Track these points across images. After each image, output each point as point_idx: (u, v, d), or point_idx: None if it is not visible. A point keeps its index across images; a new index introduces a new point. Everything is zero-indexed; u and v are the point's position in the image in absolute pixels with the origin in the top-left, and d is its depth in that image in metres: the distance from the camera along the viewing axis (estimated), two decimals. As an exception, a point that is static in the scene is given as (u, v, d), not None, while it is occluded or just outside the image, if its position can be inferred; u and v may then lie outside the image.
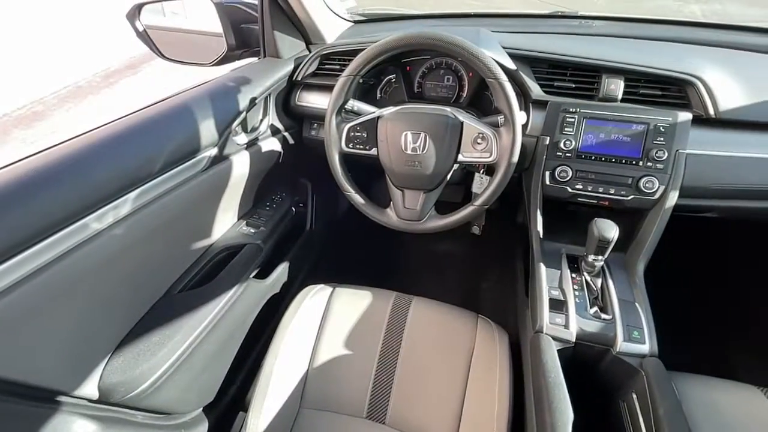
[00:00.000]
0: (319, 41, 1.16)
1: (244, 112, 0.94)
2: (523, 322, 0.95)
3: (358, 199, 0.91)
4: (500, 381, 0.82)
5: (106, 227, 0.64)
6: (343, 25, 1.27)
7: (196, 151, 0.81)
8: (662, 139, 0.84)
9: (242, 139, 0.98)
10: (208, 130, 0.83)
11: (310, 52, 1.12)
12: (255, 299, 1.04)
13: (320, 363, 0.88)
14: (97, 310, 0.69)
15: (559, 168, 0.90)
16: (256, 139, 1.03)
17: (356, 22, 1.34)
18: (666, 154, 0.84)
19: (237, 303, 0.95)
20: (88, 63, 4.81)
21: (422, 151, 0.82)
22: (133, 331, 0.77)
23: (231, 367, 0.99)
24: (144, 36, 1.03)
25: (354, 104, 0.91)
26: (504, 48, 0.94)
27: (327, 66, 1.08)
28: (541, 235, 0.94)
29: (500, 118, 0.81)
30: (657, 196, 0.85)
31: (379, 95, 1.16)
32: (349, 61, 0.85)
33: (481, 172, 1.03)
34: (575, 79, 0.93)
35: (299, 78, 1.09)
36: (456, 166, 0.87)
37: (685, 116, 0.84)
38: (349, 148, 0.88)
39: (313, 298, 0.99)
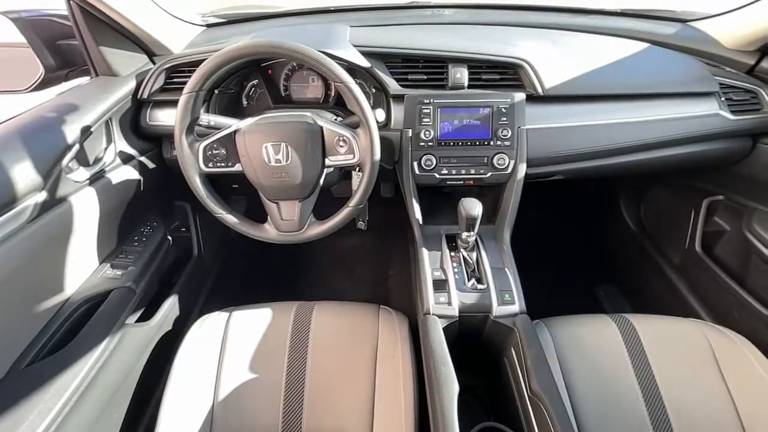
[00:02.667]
0: (163, 52, 1.05)
1: (77, 144, 0.81)
2: (418, 306, 1.01)
3: (231, 219, 0.86)
4: (403, 366, 0.86)
5: None
6: (193, 30, 1.18)
7: (12, 201, 0.69)
8: (505, 119, 0.94)
9: (81, 174, 0.85)
10: (25, 174, 0.70)
11: (154, 64, 1.02)
12: (139, 345, 0.94)
13: (226, 394, 0.84)
14: None
15: (424, 157, 0.96)
16: (102, 171, 0.91)
17: (209, 25, 1.25)
18: (510, 132, 0.94)
19: (114, 356, 0.85)
20: None
21: (286, 162, 0.80)
22: None
23: (125, 424, 0.89)
24: None
25: (210, 119, 0.85)
26: (358, 45, 0.96)
27: (176, 79, 0.99)
28: (421, 221, 1.00)
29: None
30: (509, 170, 0.96)
31: (245, 103, 1.10)
32: None
33: (357, 170, 1.04)
34: (427, 70, 0.98)
35: (145, 96, 0.98)
36: (327, 170, 0.87)
37: (520, 96, 0.95)
38: (209, 167, 0.82)
39: (207, 329, 0.93)
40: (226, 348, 0.90)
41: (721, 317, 1.12)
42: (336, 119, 0.95)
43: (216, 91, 0.99)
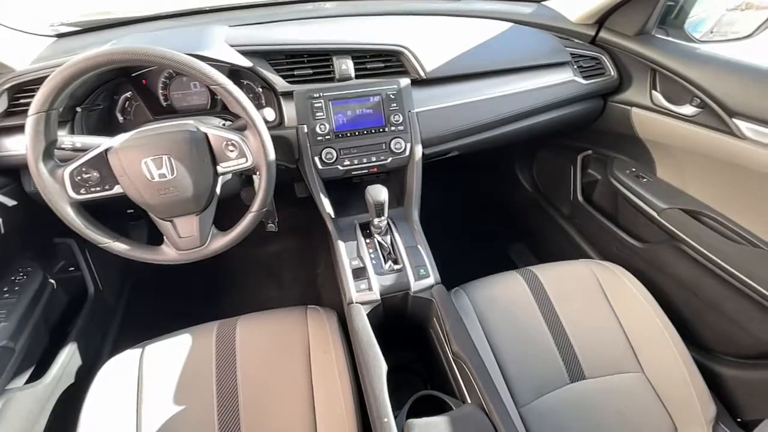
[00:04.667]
0: (2, 70, 0.90)
1: None
2: (342, 297, 1.02)
3: (120, 247, 0.78)
4: (337, 359, 0.86)
5: None
6: (40, 42, 1.02)
7: None
8: (395, 104, 0.98)
9: None
10: None
11: (-9, 85, 0.87)
12: (30, 410, 0.82)
13: (150, 436, 0.77)
14: None
15: (324, 151, 0.96)
16: None
17: (61, 35, 1.10)
18: (401, 116, 0.98)
19: (-2, 429, 0.73)
20: None
21: (172, 176, 0.75)
22: None
23: None
24: None
25: (75, 140, 0.75)
26: (238, 45, 0.92)
27: (23, 101, 0.86)
28: (333, 215, 1.00)
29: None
30: (407, 153, 1.00)
31: (121, 118, 0.99)
32: None
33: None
34: (312, 65, 0.98)
35: (-16, 123, 0.84)
36: (223, 178, 0.83)
37: (405, 81, 0.99)
38: (82, 194, 0.73)
39: (118, 372, 0.85)
40: (143, 388, 0.82)
41: (605, 253, 1.31)
42: (224, 124, 0.90)
43: (79, 109, 0.88)
